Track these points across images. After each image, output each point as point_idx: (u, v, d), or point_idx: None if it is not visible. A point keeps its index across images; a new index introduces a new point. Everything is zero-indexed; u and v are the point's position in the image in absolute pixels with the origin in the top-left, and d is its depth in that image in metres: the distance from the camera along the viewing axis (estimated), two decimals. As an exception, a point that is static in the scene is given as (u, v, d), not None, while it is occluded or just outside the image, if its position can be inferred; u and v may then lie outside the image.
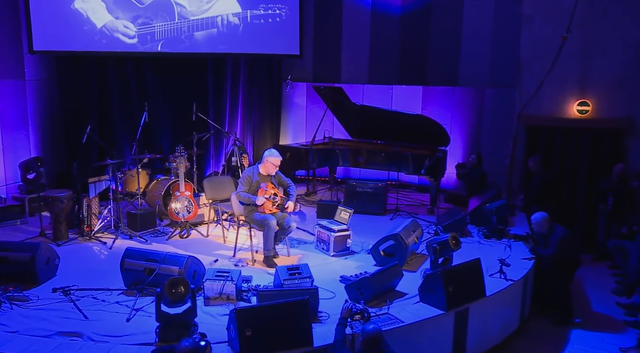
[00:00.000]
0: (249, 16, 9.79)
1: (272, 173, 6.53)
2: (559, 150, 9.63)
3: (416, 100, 10.49)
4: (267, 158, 6.46)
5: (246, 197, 6.36)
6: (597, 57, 9.36)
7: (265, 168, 6.50)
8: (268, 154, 6.49)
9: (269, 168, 6.49)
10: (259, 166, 6.57)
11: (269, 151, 6.55)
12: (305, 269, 5.48)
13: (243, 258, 6.64)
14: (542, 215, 6.80)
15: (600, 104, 9.45)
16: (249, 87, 10.49)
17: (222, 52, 9.74)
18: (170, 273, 5.32)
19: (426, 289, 5.31)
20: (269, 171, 6.51)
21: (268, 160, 6.46)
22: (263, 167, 6.52)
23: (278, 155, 6.50)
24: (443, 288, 5.12)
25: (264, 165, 6.49)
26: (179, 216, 7.39)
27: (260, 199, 6.33)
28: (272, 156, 6.46)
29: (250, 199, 6.36)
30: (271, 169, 6.49)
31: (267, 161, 6.46)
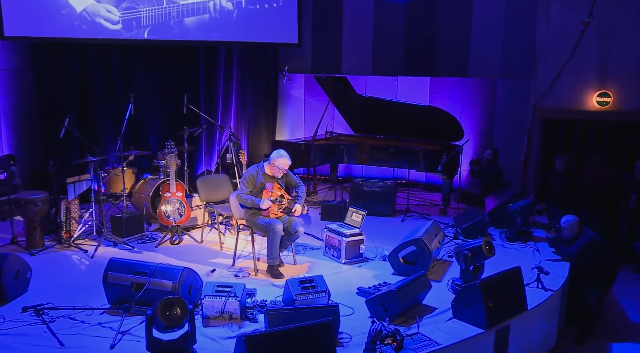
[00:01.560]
0: (244, 1, 9.02)
1: (279, 175, 5.78)
2: (577, 145, 9.00)
3: (423, 92, 9.78)
4: (275, 161, 5.69)
5: (249, 200, 5.59)
6: (618, 45, 8.72)
7: (271, 170, 5.74)
8: (276, 156, 5.71)
9: (275, 171, 5.73)
10: (265, 166, 5.79)
11: (277, 152, 5.77)
12: (320, 281, 4.72)
13: (244, 268, 5.86)
14: (573, 218, 6.14)
15: (621, 95, 8.82)
16: (243, 78, 9.70)
17: (214, 40, 8.94)
18: (162, 288, 4.53)
19: (461, 304, 4.58)
20: (275, 174, 5.75)
21: (275, 163, 5.69)
22: (269, 168, 5.75)
23: (287, 157, 5.73)
24: (483, 303, 4.39)
25: (271, 167, 5.73)
26: (170, 219, 6.59)
27: (266, 203, 5.56)
28: (281, 158, 5.68)
29: (254, 203, 5.59)
30: (277, 172, 5.73)
31: (273, 164, 5.69)
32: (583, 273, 5.93)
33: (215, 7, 8.81)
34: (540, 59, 9.12)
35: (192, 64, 9.04)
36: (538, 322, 5.07)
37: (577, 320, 5.91)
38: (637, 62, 8.70)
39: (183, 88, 8.54)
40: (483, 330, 4.42)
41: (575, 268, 5.95)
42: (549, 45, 9.02)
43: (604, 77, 8.90)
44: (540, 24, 9.04)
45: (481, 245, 5.08)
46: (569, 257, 6.04)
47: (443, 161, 7.62)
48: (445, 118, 8.10)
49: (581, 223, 6.07)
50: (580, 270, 5.94)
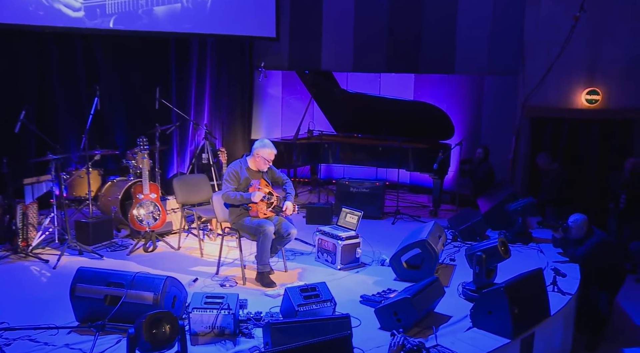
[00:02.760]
0: (218, -10, 8.42)
1: (264, 168, 5.20)
2: (565, 143, 8.71)
3: (407, 89, 9.35)
4: (257, 151, 5.12)
5: (237, 196, 4.99)
6: (606, 42, 8.48)
7: (255, 162, 5.15)
8: (259, 146, 5.14)
9: (259, 163, 5.15)
10: (248, 159, 5.21)
11: (260, 141, 5.21)
12: (323, 290, 4.16)
13: (229, 276, 5.23)
14: (582, 217, 5.77)
15: (610, 93, 8.57)
16: (218, 74, 9.07)
17: (186, 31, 8.29)
18: (141, 301, 3.88)
19: (482, 311, 4.08)
20: (260, 167, 5.17)
21: (259, 153, 5.11)
22: (253, 161, 5.17)
23: (272, 147, 5.17)
24: (508, 309, 3.90)
25: (254, 159, 5.15)
26: (143, 224, 5.91)
27: (258, 194, 4.97)
28: (265, 147, 5.12)
29: (244, 198, 4.99)
30: (262, 164, 5.16)
31: (257, 155, 5.12)
32: (593, 276, 5.55)
33: (188, -4, 8.19)
34: (529, 54, 8.80)
35: (163, 57, 8.37)
36: (559, 328, 4.64)
37: (587, 325, 5.51)
38: (625, 59, 8.47)
39: (152, 83, 7.90)
40: (509, 340, 3.93)
41: (585, 270, 5.57)
42: (538, 40, 8.71)
43: (592, 75, 8.64)
44: (530, 18, 8.72)
45: (497, 246, 4.62)
46: (577, 259, 5.67)
47: (439, 159, 7.17)
48: (436, 115, 7.68)
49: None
50: (590, 272, 5.56)
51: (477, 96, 9.19)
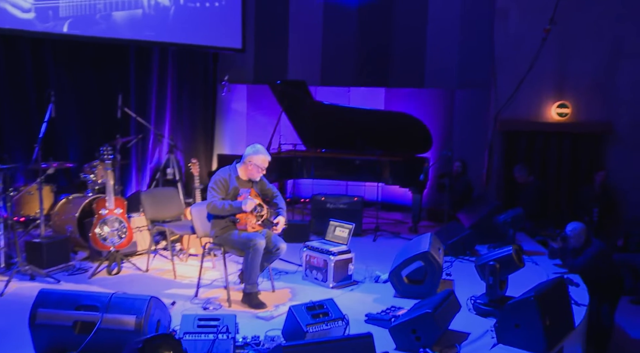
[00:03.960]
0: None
1: (257, 177, 4.68)
2: (538, 157, 8.64)
3: (377, 103, 9.06)
4: (250, 158, 4.60)
5: (225, 206, 4.44)
6: (574, 56, 8.55)
7: (247, 170, 4.63)
8: (252, 152, 4.62)
9: (252, 172, 4.62)
10: (238, 167, 4.68)
11: (252, 147, 4.68)
12: (332, 307, 3.67)
13: (211, 298, 4.64)
14: (580, 225, 5.58)
15: (579, 106, 8.61)
16: (180, 86, 8.49)
17: (147, 39, 7.72)
18: (121, 326, 3.26)
19: (508, 325, 3.68)
20: (252, 176, 4.65)
21: (252, 161, 4.60)
22: (244, 169, 4.65)
23: (266, 153, 4.67)
24: (540, 321, 3.53)
25: (245, 167, 4.63)
26: (107, 243, 5.23)
27: (250, 203, 4.43)
28: (259, 154, 4.61)
29: (234, 207, 4.44)
30: (255, 172, 4.64)
31: (250, 162, 4.60)
32: (593, 287, 5.30)
33: (149, 1, 7.64)
34: (500, 68, 8.74)
35: (121, 66, 7.73)
36: (579, 342, 4.30)
37: (592, 339, 5.24)
38: (592, 73, 8.55)
39: (109, 93, 7.30)
40: (540, 356, 3.55)
41: (586, 281, 5.32)
42: (507, 54, 8.67)
43: (561, 88, 8.67)
44: (499, 32, 8.69)
45: (511, 254, 4.26)
46: (577, 269, 5.42)
47: (426, 168, 6.85)
48: (415, 127, 7.35)
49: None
50: (590, 283, 5.31)
51: (449, 110, 9.03)
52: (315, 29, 9.20)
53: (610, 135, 8.58)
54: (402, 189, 8.58)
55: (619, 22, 8.29)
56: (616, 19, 8.29)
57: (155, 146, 8.09)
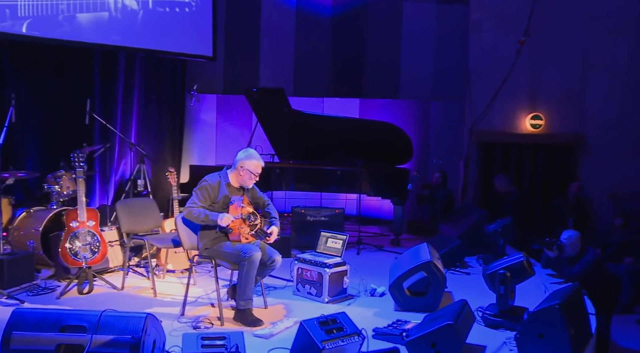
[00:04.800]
0: (151, 1, 7.53)
1: (249, 184, 4.34)
2: (513, 168, 8.63)
3: (352, 114, 8.86)
4: (242, 163, 4.26)
5: (200, 215, 4.05)
6: (546, 68, 8.66)
7: (239, 177, 4.29)
8: (244, 157, 4.28)
9: (244, 178, 4.28)
10: (229, 174, 4.33)
11: (244, 152, 4.34)
12: (345, 321, 3.35)
13: (199, 316, 4.23)
14: (576, 233, 5.49)
15: (551, 118, 8.70)
16: (147, 95, 8.04)
17: (114, 44, 7.27)
18: (114, 349, 2.85)
19: (530, 336, 3.45)
20: (245, 183, 4.31)
21: (244, 166, 4.25)
22: (235, 176, 4.30)
23: (259, 158, 4.33)
24: (566, 330, 3.32)
25: (237, 173, 4.28)
26: (79, 259, 4.75)
27: (226, 218, 4.06)
28: (252, 159, 4.27)
29: (209, 218, 4.06)
30: (248, 179, 4.30)
31: (242, 168, 4.26)
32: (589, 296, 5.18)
33: (116, 4, 7.21)
34: (474, 80, 8.74)
35: (85, 71, 7.23)
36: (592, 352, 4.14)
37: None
38: (563, 85, 8.66)
39: (72, 99, 6.82)
40: (567, 368, 3.34)
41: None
42: (482, 65, 8.69)
43: (535, 100, 8.74)
44: (473, 44, 8.71)
45: (523, 262, 4.07)
46: (574, 278, 5.27)
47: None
48: (398, 136, 7.18)
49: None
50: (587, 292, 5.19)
51: (424, 121, 8.94)
52: (287, 38, 8.96)
53: (581, 146, 8.67)
54: (379, 202, 8.41)
55: (586, 35, 8.44)
56: (584, 32, 8.43)
57: (121, 157, 7.60)
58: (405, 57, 8.91)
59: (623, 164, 8.50)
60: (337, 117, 7.58)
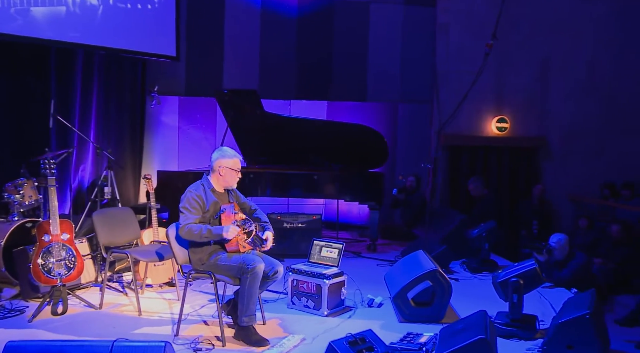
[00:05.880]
0: (111, -4, 7.06)
1: (234, 184, 4.05)
2: (480, 171, 8.69)
3: (320, 116, 8.65)
4: (219, 162, 3.96)
5: (203, 232, 3.74)
6: (510, 72, 8.80)
7: (221, 179, 3.99)
8: (220, 156, 3.98)
9: (227, 178, 3.99)
10: (210, 179, 4.01)
11: (218, 151, 4.03)
12: (374, 339, 3.13)
13: (196, 337, 3.89)
14: (564, 237, 5.54)
15: (515, 121, 8.84)
16: (107, 96, 7.51)
17: (72, 41, 6.73)
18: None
19: (558, 346, 3.37)
20: (229, 183, 4.02)
21: (222, 164, 3.95)
22: (216, 179, 3.99)
23: (235, 154, 4.04)
24: (597, 339, 3.25)
25: (217, 176, 3.98)
26: (53, 276, 4.28)
27: (232, 230, 3.79)
28: (226, 156, 3.97)
29: (213, 233, 3.76)
30: (231, 178, 4.01)
31: (221, 168, 3.95)
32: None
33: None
34: (442, 82, 8.75)
35: (41, 70, 6.66)
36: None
37: None
38: (526, 89, 8.82)
39: (26, 101, 6.26)
40: (597, 379, 3.26)
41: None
42: (449, 68, 8.72)
43: (500, 103, 8.85)
44: (440, 46, 8.72)
45: (536, 269, 3.99)
46: (564, 282, 5.31)
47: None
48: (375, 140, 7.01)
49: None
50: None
51: (392, 124, 8.86)
52: (252, 39, 8.63)
53: (544, 149, 8.85)
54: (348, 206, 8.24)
55: (547, 41, 8.62)
56: (546, 37, 8.61)
57: (79, 162, 7.06)
58: (373, 60, 8.78)
59: (583, 167, 8.74)
60: (312, 119, 7.35)
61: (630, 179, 8.26)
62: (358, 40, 8.78)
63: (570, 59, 8.71)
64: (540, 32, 8.68)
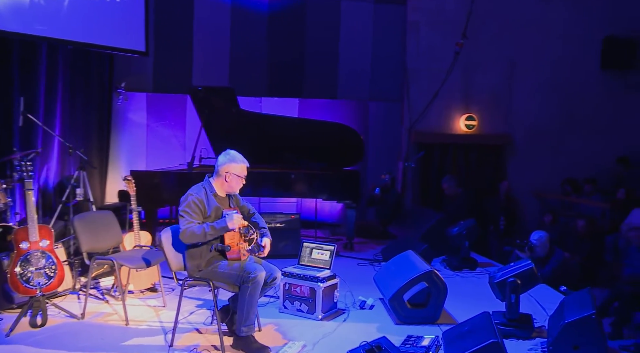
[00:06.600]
0: (78, -12, 6.72)
1: (237, 190, 3.92)
2: (450, 168, 8.81)
3: (291, 113, 8.54)
4: (226, 167, 3.82)
5: (206, 230, 3.61)
6: (478, 71, 8.94)
7: (224, 184, 3.85)
8: (228, 161, 3.84)
9: (232, 184, 3.86)
10: (213, 183, 3.86)
11: (225, 155, 3.88)
12: (390, 347, 3.08)
13: (193, 346, 3.74)
14: (545, 234, 5.64)
15: (483, 119, 8.99)
16: (72, 92, 7.16)
17: (36, 34, 6.37)
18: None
19: (565, 347, 3.40)
20: (233, 189, 3.89)
21: (229, 170, 3.82)
22: (219, 183, 3.85)
23: (243, 159, 3.91)
24: (603, 339, 3.31)
25: (221, 180, 3.84)
26: (32, 286, 4.03)
27: (237, 218, 3.67)
28: (236, 161, 3.84)
29: (216, 229, 3.63)
30: (236, 184, 3.88)
31: (228, 173, 3.82)
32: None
33: (39, -11, 6.33)
34: (413, 80, 8.79)
35: (2, 64, 6.26)
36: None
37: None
38: (492, 87, 8.97)
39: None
40: (603, 378, 3.32)
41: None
42: (419, 66, 8.78)
43: (468, 101, 8.98)
44: (411, 45, 8.77)
45: (533, 268, 4.03)
46: (546, 279, 5.41)
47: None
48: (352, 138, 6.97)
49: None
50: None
51: (363, 122, 8.85)
52: (222, 35, 8.43)
53: (509, 146, 9.04)
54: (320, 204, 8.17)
55: (513, 40, 8.80)
56: (511, 37, 8.77)
57: (43, 162, 6.70)
58: (344, 57, 8.75)
59: (546, 164, 8.97)
60: (289, 117, 7.26)
61: (591, 175, 8.53)
62: (329, 38, 8.72)
63: (535, 59, 8.91)
64: (507, 31, 8.85)
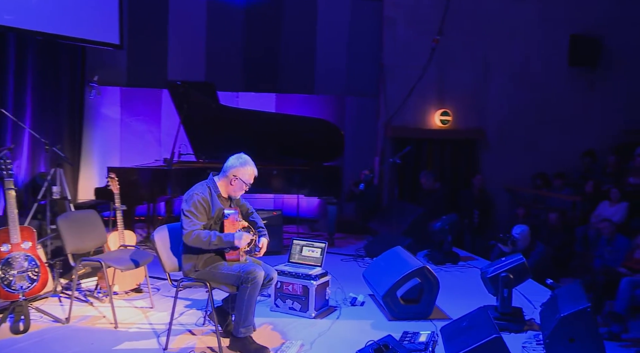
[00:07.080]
0: (48, -24, 6.47)
1: (239, 196, 3.85)
2: (425, 163, 8.88)
3: (268, 109, 8.43)
4: (236, 170, 3.70)
5: (213, 239, 3.51)
6: (453, 67, 9.01)
7: (229, 187, 3.74)
8: (238, 165, 3.71)
9: (235, 188, 3.76)
10: (218, 182, 3.76)
11: (237, 158, 3.75)
12: (397, 346, 3.06)
13: (188, 349, 3.65)
14: (526, 227, 5.71)
15: (457, 114, 9.08)
16: (43, 86, 6.90)
17: (4, 24, 6.11)
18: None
19: (561, 340, 3.45)
20: (236, 193, 3.78)
21: (238, 174, 3.70)
22: (224, 185, 3.74)
23: (254, 166, 3.80)
24: (598, 331, 3.37)
25: (227, 183, 3.73)
26: (14, 290, 3.86)
27: (245, 237, 3.61)
28: (246, 166, 3.72)
29: (223, 241, 3.54)
30: (240, 189, 3.78)
31: (235, 177, 3.70)
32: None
33: (8, -23, 6.05)
34: (389, 76, 8.80)
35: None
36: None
37: None
38: (466, 83, 9.06)
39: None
40: (600, 371, 3.39)
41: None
42: (396, 62, 8.79)
43: (442, 97, 9.03)
44: (387, 40, 8.77)
45: (524, 263, 4.09)
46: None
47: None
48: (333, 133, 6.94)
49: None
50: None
51: (340, 117, 8.82)
52: (198, 28, 8.25)
53: (482, 141, 9.16)
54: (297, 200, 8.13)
55: (486, 37, 8.89)
56: (484, 34, 8.87)
57: (13, 159, 6.41)
58: (321, 52, 8.69)
59: (516, 158, 9.12)
60: (270, 112, 7.19)
61: (560, 169, 8.72)
62: (306, 32, 8.64)
63: (506, 55, 9.02)
64: (480, 28, 8.92)
